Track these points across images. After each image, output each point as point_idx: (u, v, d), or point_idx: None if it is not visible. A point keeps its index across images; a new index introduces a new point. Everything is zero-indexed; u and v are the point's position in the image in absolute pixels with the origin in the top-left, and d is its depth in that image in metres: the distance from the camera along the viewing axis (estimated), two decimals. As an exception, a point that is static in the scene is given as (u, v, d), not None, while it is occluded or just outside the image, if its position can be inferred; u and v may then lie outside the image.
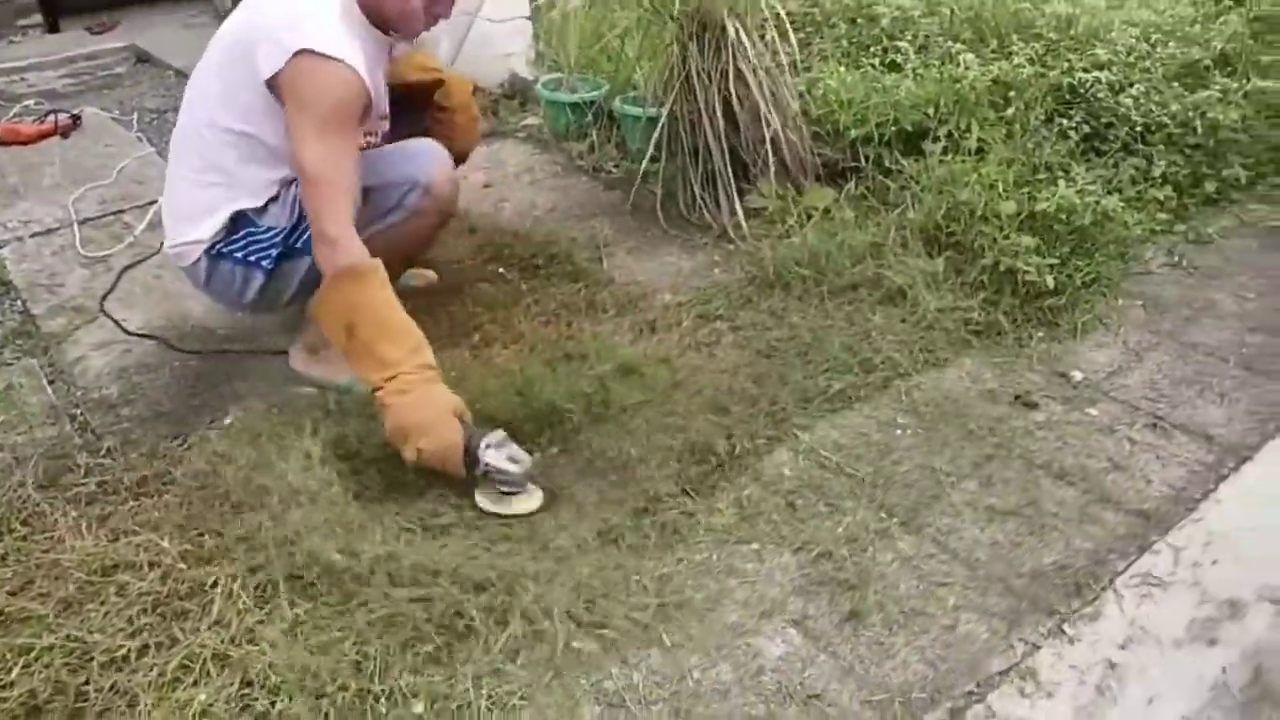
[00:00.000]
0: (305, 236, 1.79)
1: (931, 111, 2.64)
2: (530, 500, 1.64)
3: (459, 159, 2.26)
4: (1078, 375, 1.96)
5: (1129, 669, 1.32)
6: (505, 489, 1.63)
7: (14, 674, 1.30)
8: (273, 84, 1.71)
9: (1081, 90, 2.69)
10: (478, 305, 2.29)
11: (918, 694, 1.29)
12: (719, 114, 2.60)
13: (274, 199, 1.85)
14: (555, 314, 2.25)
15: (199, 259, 1.87)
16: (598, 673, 1.34)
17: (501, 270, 2.47)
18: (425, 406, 1.61)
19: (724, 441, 1.74)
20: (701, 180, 2.70)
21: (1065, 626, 1.38)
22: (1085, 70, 2.70)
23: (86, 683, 1.29)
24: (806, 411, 1.85)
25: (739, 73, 2.59)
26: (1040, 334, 2.09)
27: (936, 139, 2.55)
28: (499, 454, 1.61)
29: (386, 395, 1.62)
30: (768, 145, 2.62)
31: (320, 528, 1.51)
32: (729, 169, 2.64)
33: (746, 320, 2.17)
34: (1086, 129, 2.64)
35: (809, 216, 2.54)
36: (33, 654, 1.32)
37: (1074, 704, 1.27)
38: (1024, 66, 2.71)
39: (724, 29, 2.57)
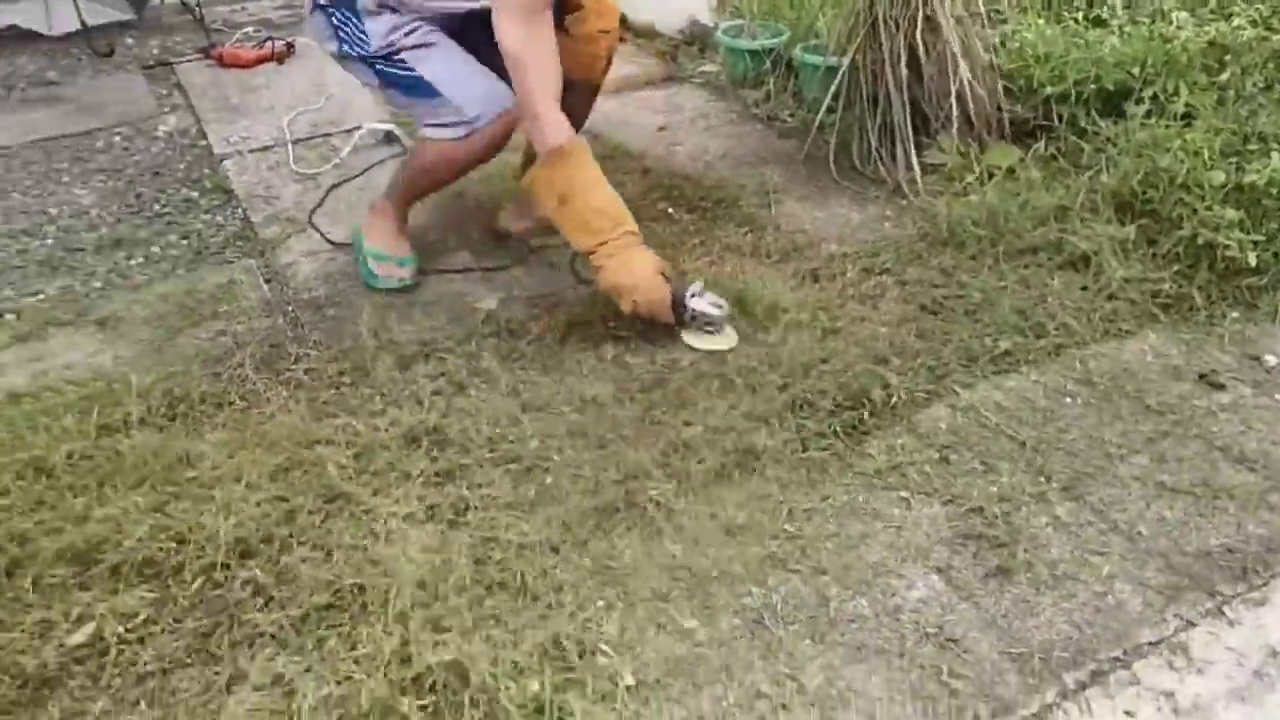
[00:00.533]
0: (381, 68, 2.01)
1: (1136, 71, 2.49)
2: (729, 339, 1.92)
3: (572, 88, 2.27)
4: (1272, 360, 1.84)
5: (1293, 659, 1.27)
6: (709, 329, 1.91)
7: (228, 521, 1.49)
8: None
9: (1313, 57, 2.46)
10: (648, 241, 2.35)
11: (1060, 653, 1.29)
12: (903, 64, 2.55)
13: (386, 9, 1.98)
14: (720, 255, 2.29)
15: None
16: (739, 589, 1.40)
17: (671, 210, 2.53)
18: (634, 267, 1.89)
19: (880, 390, 1.75)
20: (879, 132, 2.66)
21: (1226, 609, 1.34)
22: (1320, 36, 2.46)
23: (290, 535, 1.47)
24: (969, 370, 1.83)
25: (929, 20, 2.52)
26: (1235, 314, 1.97)
27: (1139, 101, 2.40)
28: (703, 301, 1.91)
29: (598, 259, 1.89)
30: (953, 98, 2.54)
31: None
32: (909, 122, 2.58)
33: (914, 276, 2.14)
34: (1313, 99, 2.41)
35: (990, 175, 2.47)
36: (245, 505, 1.51)
37: (1228, 684, 1.24)
38: (1245, 28, 2.50)
39: (917, -25, 2.50)
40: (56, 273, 2.36)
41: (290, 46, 3.84)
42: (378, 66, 2.03)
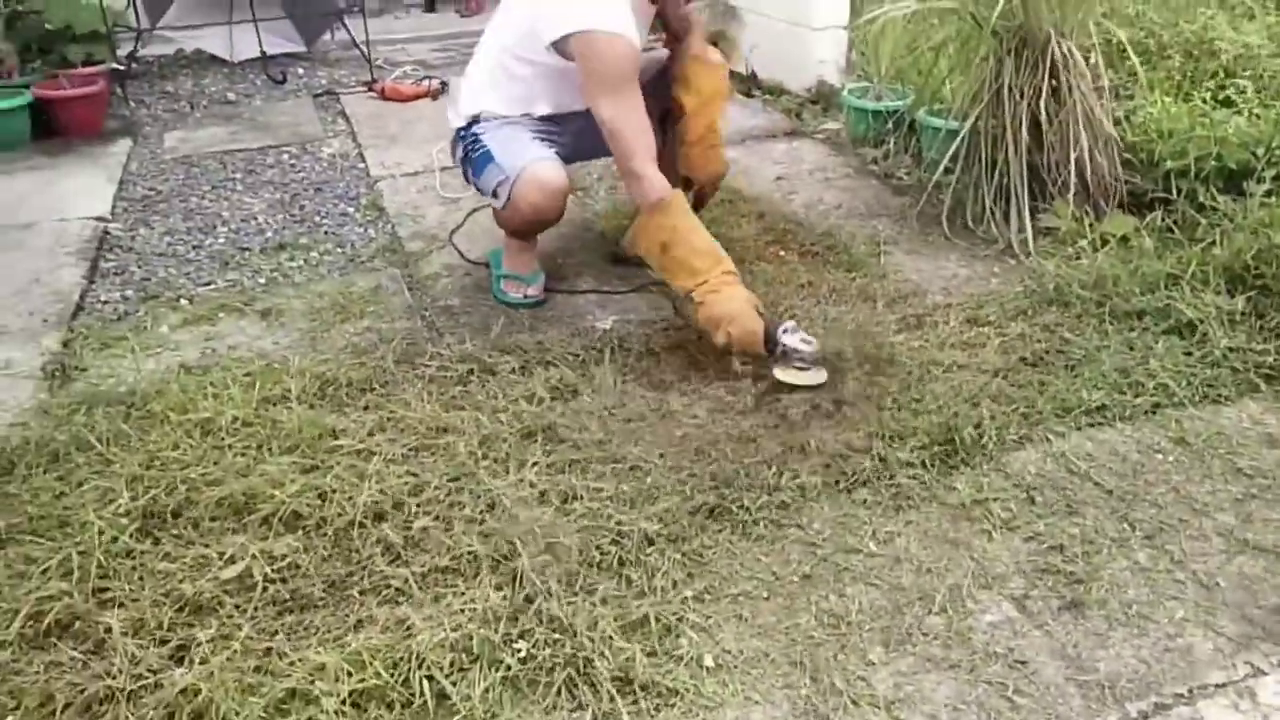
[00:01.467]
0: (469, 152, 2.30)
1: (1260, 151, 2.50)
2: (819, 375, 1.99)
3: (701, 186, 2.46)
4: (1377, 437, 1.83)
5: (1366, 718, 1.28)
6: (799, 365, 1.97)
7: (364, 491, 1.67)
8: (557, 45, 2.11)
9: None
10: (756, 279, 2.49)
11: (1126, 683, 1.33)
12: (1024, 130, 2.63)
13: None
14: (826, 296, 2.41)
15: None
16: (817, 593, 1.50)
17: (782, 253, 2.67)
18: (732, 301, 2.01)
19: (972, 430, 1.82)
20: (994, 194, 2.74)
21: (1300, 662, 1.36)
22: None
23: (419, 505, 1.65)
24: (1063, 420, 1.88)
25: (1055, 91, 2.60)
26: (1342, 391, 1.96)
27: (1260, 180, 2.42)
28: (794, 337, 1.99)
29: (699, 294, 2.04)
30: (1071, 166, 2.61)
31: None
32: (1025, 185, 2.66)
33: (1016, 331, 2.21)
34: None
35: (1104, 242, 2.51)
36: (381, 476, 1.70)
37: (1294, 733, 1.26)
38: (1384, 117, 2.49)
39: (1045, 47, 2.59)
40: (227, 268, 2.66)
41: (444, 85, 4.17)
42: (471, 155, 2.30)
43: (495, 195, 2.26)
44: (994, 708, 1.31)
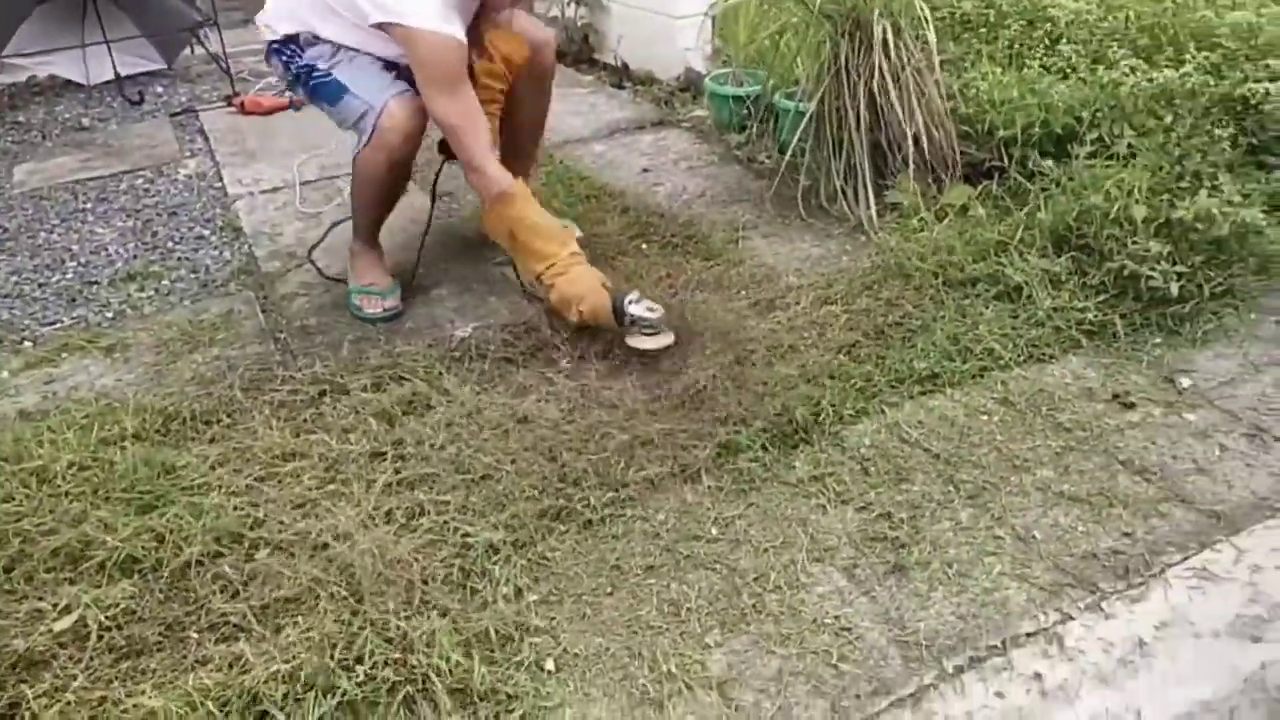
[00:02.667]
0: (308, 80, 2.27)
1: (1085, 115, 2.62)
2: (666, 338, 2.09)
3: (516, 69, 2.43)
4: (1185, 382, 1.95)
5: (1159, 649, 1.37)
6: (647, 331, 2.07)
7: (201, 525, 1.64)
8: (381, 27, 2.09)
9: (1253, 101, 2.59)
10: (616, 275, 2.51)
11: (944, 640, 1.40)
12: (863, 109, 2.71)
13: (323, 43, 2.25)
14: (683, 286, 2.45)
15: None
16: (659, 583, 1.54)
17: (644, 246, 2.70)
18: (580, 281, 2.12)
19: (810, 409, 1.88)
20: (843, 173, 2.81)
21: (1104, 604, 1.44)
22: (1257, 81, 2.58)
23: (259, 537, 1.63)
24: (897, 390, 1.96)
25: (889, 69, 2.68)
26: (1157, 340, 2.08)
27: (1082, 142, 2.54)
28: (639, 306, 2.08)
29: (549, 277, 2.14)
30: (909, 142, 2.69)
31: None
32: (868, 163, 2.74)
33: (861, 306, 2.28)
34: (1254, 142, 2.54)
35: (944, 214, 2.61)
36: (219, 512, 1.67)
37: (1096, 671, 1.34)
38: (1191, 75, 2.64)
39: (874, 28, 2.67)
40: (74, 304, 2.56)
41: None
42: (309, 82, 2.28)
43: (358, 129, 2.22)
44: (820, 676, 1.36)
